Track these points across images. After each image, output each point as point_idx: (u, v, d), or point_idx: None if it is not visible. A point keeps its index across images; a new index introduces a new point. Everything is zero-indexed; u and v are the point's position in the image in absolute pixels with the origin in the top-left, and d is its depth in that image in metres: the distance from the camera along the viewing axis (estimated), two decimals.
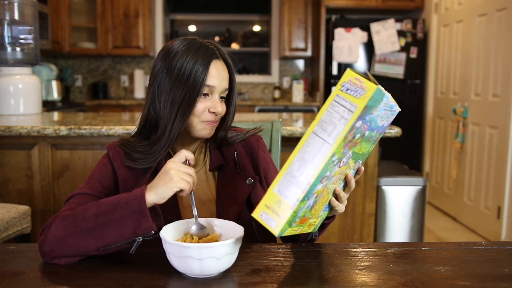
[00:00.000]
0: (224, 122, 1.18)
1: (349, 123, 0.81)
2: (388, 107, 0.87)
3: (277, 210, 0.85)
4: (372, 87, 0.80)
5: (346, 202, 1.02)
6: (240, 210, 1.15)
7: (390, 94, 0.89)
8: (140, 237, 0.93)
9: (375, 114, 0.85)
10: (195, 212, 0.99)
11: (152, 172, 1.12)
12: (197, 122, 1.12)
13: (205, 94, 1.11)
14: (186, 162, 0.99)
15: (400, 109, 0.92)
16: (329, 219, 1.11)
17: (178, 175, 0.93)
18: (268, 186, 1.23)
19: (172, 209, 1.11)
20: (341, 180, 0.97)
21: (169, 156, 1.17)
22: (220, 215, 1.12)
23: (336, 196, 1.00)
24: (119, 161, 1.14)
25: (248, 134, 1.24)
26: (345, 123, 0.81)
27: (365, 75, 0.83)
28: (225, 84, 1.13)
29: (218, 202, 1.15)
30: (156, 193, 0.93)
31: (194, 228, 0.97)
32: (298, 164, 0.84)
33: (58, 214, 0.99)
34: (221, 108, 1.12)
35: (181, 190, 0.94)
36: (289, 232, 0.90)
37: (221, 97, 1.14)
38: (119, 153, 1.14)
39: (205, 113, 1.11)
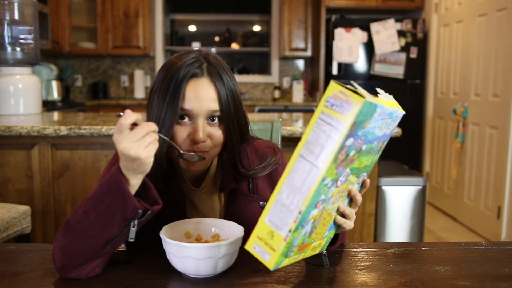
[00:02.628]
0: (227, 149, 1.06)
1: (338, 143, 0.72)
2: (386, 116, 0.79)
3: (270, 242, 0.78)
4: (359, 101, 0.71)
5: (354, 217, 0.94)
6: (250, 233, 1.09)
7: (392, 97, 0.81)
8: (135, 220, 0.86)
9: (369, 126, 0.76)
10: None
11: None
12: (183, 147, 1.00)
13: (182, 117, 0.99)
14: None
15: (404, 112, 0.85)
16: (334, 243, 1.02)
17: (140, 150, 0.81)
18: None
19: (178, 206, 1.07)
20: (344, 197, 0.89)
21: (179, 175, 1.10)
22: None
23: (341, 213, 0.92)
24: None
25: (269, 169, 1.12)
26: (333, 143, 0.72)
27: (351, 87, 0.74)
28: (209, 105, 0.98)
29: None
30: (135, 177, 0.85)
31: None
32: (287, 192, 0.76)
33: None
34: (202, 135, 0.98)
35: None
36: (287, 262, 0.84)
37: (212, 118, 1.01)
38: None
39: (185, 142, 1.00)
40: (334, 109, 0.73)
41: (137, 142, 0.81)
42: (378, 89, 0.81)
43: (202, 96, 0.98)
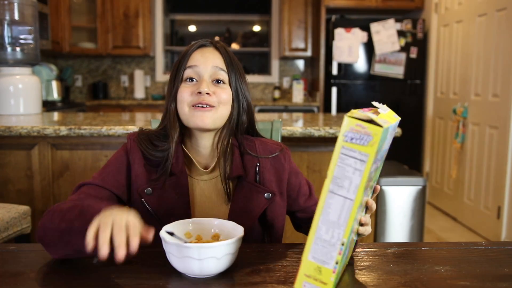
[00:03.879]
0: (234, 111, 1.13)
1: (365, 173, 0.76)
2: (392, 130, 0.82)
3: (319, 277, 0.81)
4: (378, 131, 0.74)
5: (370, 221, 0.98)
6: (253, 223, 1.10)
7: (386, 107, 0.83)
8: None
9: (384, 147, 0.81)
10: None
11: (165, 174, 1.09)
12: (187, 109, 1.08)
13: (191, 79, 1.09)
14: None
15: (399, 118, 0.88)
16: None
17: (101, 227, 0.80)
18: (300, 196, 1.18)
19: (183, 207, 1.09)
20: (363, 209, 0.93)
21: (187, 158, 1.13)
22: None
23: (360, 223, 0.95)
24: (135, 155, 1.11)
25: (273, 155, 1.16)
26: (360, 174, 0.76)
27: (367, 120, 0.76)
28: (214, 63, 1.10)
29: (231, 213, 1.10)
30: None
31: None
32: (325, 228, 0.80)
33: (59, 204, 1.00)
34: (206, 87, 1.07)
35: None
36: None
37: (217, 81, 1.10)
38: (138, 145, 1.12)
39: (192, 97, 1.08)
40: (354, 142, 0.75)
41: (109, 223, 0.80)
42: (374, 103, 0.84)
43: (207, 56, 1.10)
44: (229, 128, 1.13)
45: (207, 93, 1.07)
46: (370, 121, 0.75)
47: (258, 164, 1.12)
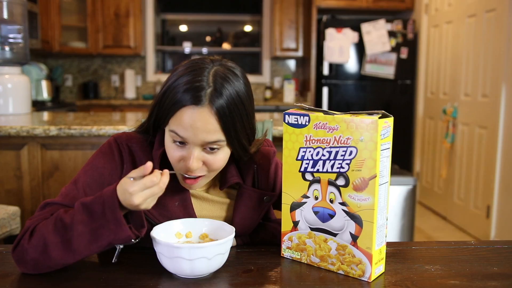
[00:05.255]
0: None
1: (390, 156, 0.94)
2: None
3: (382, 256, 0.91)
4: (391, 120, 0.90)
5: None
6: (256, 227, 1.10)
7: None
8: (121, 245, 0.88)
9: None
10: None
11: None
12: (175, 167, 0.98)
13: (181, 142, 0.94)
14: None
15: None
16: None
17: (143, 201, 0.84)
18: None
19: (183, 207, 1.05)
20: None
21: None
22: (236, 236, 1.05)
23: None
24: (129, 163, 1.02)
25: (271, 162, 1.11)
26: (389, 159, 0.94)
27: (379, 112, 0.88)
28: (206, 137, 0.92)
29: (234, 223, 1.05)
30: (127, 208, 0.86)
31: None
32: (380, 216, 0.89)
33: (37, 221, 0.92)
34: (196, 164, 0.93)
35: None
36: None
37: (211, 148, 0.95)
38: (130, 153, 1.02)
39: (179, 165, 0.96)
40: (384, 137, 0.89)
41: (144, 192, 0.83)
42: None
43: (198, 126, 0.90)
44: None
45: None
46: (381, 117, 0.87)
47: (255, 166, 1.10)
